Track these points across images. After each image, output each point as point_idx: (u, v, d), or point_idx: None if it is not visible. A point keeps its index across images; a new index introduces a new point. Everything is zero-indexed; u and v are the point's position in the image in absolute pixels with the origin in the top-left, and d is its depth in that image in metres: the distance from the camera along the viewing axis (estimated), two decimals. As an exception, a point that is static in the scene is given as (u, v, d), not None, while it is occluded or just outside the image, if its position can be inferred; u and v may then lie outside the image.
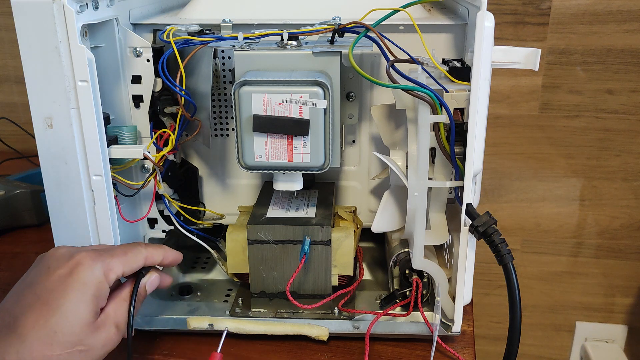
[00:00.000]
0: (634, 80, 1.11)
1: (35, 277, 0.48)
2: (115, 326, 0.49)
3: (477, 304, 1.30)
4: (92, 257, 0.48)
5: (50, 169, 0.53)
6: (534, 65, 0.52)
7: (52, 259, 0.49)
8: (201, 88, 0.59)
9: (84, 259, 0.48)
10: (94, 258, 0.48)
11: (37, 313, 0.45)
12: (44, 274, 0.47)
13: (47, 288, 0.46)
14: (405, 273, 0.62)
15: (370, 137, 0.67)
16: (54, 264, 0.48)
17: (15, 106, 1.23)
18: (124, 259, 0.50)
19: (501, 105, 1.16)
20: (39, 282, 0.47)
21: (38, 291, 0.46)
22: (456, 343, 0.60)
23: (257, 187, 0.70)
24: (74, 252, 0.49)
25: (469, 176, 0.52)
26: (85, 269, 0.47)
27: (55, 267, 0.48)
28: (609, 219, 1.23)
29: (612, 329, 1.32)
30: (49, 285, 0.47)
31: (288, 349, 0.60)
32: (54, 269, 0.47)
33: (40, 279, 0.47)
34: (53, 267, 0.48)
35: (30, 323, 0.45)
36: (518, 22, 1.09)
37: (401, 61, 0.54)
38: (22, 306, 0.46)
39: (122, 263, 0.50)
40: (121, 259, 0.50)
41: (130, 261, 0.51)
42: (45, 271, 0.48)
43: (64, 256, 0.49)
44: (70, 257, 0.48)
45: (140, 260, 0.52)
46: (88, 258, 0.48)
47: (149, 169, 0.63)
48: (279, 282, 0.62)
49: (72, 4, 0.48)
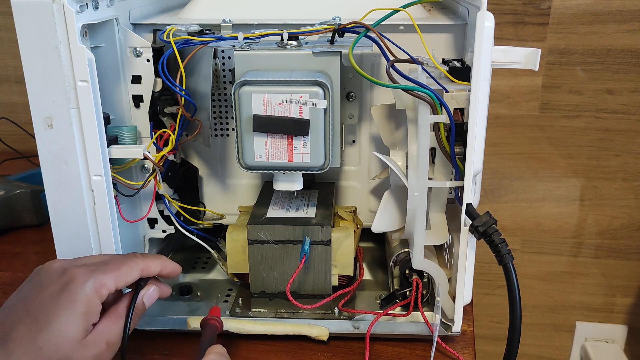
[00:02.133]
0: (634, 80, 1.11)
1: (29, 292, 0.48)
2: (105, 343, 0.48)
3: (477, 304, 1.30)
4: (83, 274, 0.48)
5: (50, 169, 0.53)
6: (534, 65, 0.52)
7: (46, 274, 0.49)
8: (201, 88, 0.59)
9: (76, 276, 0.48)
10: (85, 274, 0.48)
11: (26, 328, 0.45)
12: (36, 289, 0.48)
13: (38, 304, 0.46)
14: (405, 273, 0.62)
15: (370, 137, 0.67)
16: (47, 279, 0.48)
17: (15, 106, 1.23)
18: (117, 273, 0.50)
19: (501, 105, 1.16)
20: (31, 297, 0.47)
21: (29, 306, 0.47)
22: (456, 343, 0.60)
23: (257, 187, 0.70)
24: (67, 267, 0.49)
25: (469, 176, 0.52)
26: (76, 286, 0.47)
27: (47, 283, 0.48)
28: (609, 219, 1.23)
29: (612, 329, 1.32)
30: (39, 300, 0.47)
31: (288, 349, 0.60)
32: (47, 285, 0.48)
33: (33, 293, 0.47)
34: (45, 283, 0.48)
35: (19, 338, 0.45)
36: (518, 22, 1.10)
37: (401, 61, 0.54)
38: (13, 320, 0.46)
39: (114, 278, 0.49)
40: (114, 274, 0.49)
41: (124, 275, 0.50)
42: (39, 286, 0.48)
43: (57, 271, 0.49)
44: (63, 272, 0.48)
45: (136, 272, 0.51)
46: (80, 274, 0.48)
47: (149, 169, 0.63)
48: (279, 282, 0.62)
49: (72, 4, 0.48)
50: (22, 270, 0.49)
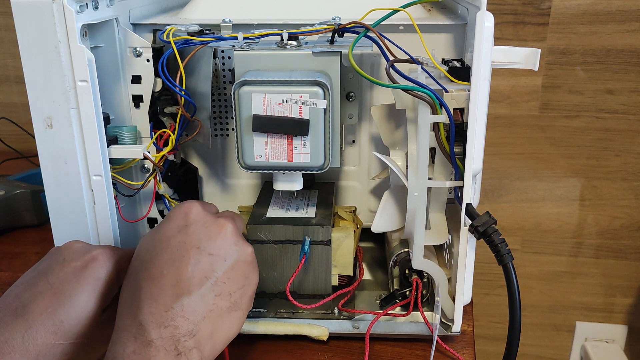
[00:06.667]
0: (634, 80, 1.11)
1: (50, 267, 0.48)
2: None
3: (477, 304, 1.30)
4: (107, 255, 0.49)
5: (50, 169, 0.53)
6: (534, 65, 0.52)
7: (68, 251, 0.49)
8: (201, 88, 0.59)
9: (100, 255, 0.49)
10: (109, 256, 0.49)
11: (48, 301, 0.45)
12: (59, 264, 0.48)
13: (61, 278, 0.47)
14: (405, 273, 0.62)
15: (370, 137, 0.67)
16: (70, 256, 0.49)
17: (15, 106, 1.23)
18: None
19: (501, 105, 1.16)
20: (53, 271, 0.48)
21: (51, 280, 0.47)
22: (456, 343, 0.60)
23: (257, 187, 0.70)
24: (90, 247, 0.50)
25: (469, 176, 0.52)
26: (100, 264, 0.48)
27: (70, 259, 0.48)
28: (609, 219, 1.23)
29: (612, 329, 1.32)
30: (62, 275, 0.47)
31: (288, 349, 0.60)
32: (69, 261, 0.48)
33: (55, 268, 0.48)
34: (68, 259, 0.48)
35: (39, 310, 0.45)
36: (518, 22, 1.10)
37: (401, 61, 0.54)
38: (33, 293, 0.46)
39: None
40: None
41: None
42: (61, 262, 0.48)
43: (80, 250, 0.49)
44: (87, 251, 0.49)
45: None
46: (104, 255, 0.49)
47: (149, 169, 0.63)
48: (278, 282, 0.62)
49: (72, 4, 0.48)
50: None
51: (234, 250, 0.48)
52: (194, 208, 0.49)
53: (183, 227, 0.48)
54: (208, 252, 0.46)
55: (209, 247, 0.47)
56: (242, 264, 0.48)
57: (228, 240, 0.48)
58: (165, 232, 0.48)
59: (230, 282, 0.47)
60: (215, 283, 0.46)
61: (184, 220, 0.48)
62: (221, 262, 0.47)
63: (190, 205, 0.49)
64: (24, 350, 0.43)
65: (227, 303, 0.46)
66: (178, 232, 0.47)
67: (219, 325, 0.45)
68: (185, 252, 0.46)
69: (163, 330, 0.42)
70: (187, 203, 0.50)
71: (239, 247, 0.49)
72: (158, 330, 0.42)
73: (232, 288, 0.47)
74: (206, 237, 0.47)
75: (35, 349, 0.44)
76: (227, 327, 0.46)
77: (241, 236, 0.50)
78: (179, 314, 0.43)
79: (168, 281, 0.44)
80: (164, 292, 0.43)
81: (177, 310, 0.43)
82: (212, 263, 0.46)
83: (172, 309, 0.43)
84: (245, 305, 0.49)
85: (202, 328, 0.44)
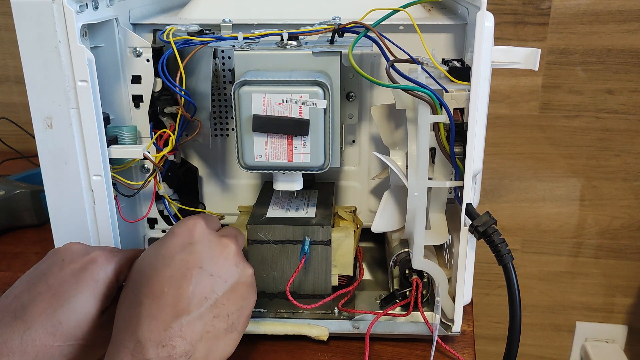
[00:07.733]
0: (634, 80, 1.11)
1: (49, 268, 0.48)
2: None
3: (477, 304, 1.30)
4: (106, 257, 0.49)
5: (50, 169, 0.53)
6: (534, 65, 0.52)
7: (67, 253, 0.49)
8: (201, 88, 0.59)
9: (99, 257, 0.49)
10: (108, 258, 0.49)
11: (46, 302, 0.45)
12: (57, 266, 0.48)
13: (60, 280, 0.47)
14: (405, 273, 0.62)
15: (370, 137, 0.67)
16: (69, 258, 0.49)
17: (15, 106, 1.23)
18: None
19: (501, 105, 1.16)
20: (52, 273, 0.48)
21: (50, 281, 0.47)
22: (456, 343, 0.60)
23: (257, 187, 0.70)
24: (89, 249, 0.50)
25: (469, 176, 0.52)
26: (99, 266, 0.48)
27: (69, 261, 0.48)
28: (609, 219, 1.23)
29: (612, 329, 1.32)
30: (61, 277, 0.47)
31: (288, 349, 0.60)
32: (68, 263, 0.48)
33: (54, 270, 0.48)
34: (67, 261, 0.48)
35: (38, 311, 0.45)
36: (518, 22, 1.10)
37: (401, 61, 0.54)
38: (32, 294, 0.46)
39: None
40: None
41: None
42: (60, 263, 0.48)
43: (79, 251, 0.49)
44: (86, 253, 0.49)
45: None
46: (103, 257, 0.49)
47: (149, 169, 0.63)
48: (279, 282, 0.62)
49: (72, 4, 0.48)
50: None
51: (234, 271, 0.48)
52: (198, 225, 0.49)
53: (187, 244, 0.48)
54: (209, 273, 0.46)
55: (211, 267, 0.47)
56: (242, 285, 0.48)
57: (230, 261, 0.48)
58: (169, 248, 0.47)
59: (229, 303, 0.47)
60: (215, 304, 0.46)
61: (188, 237, 0.48)
62: (222, 283, 0.47)
63: (195, 222, 0.49)
64: (22, 351, 0.43)
65: (225, 324, 0.46)
66: (182, 250, 0.47)
67: (214, 347, 0.45)
68: (187, 271, 0.45)
69: (160, 350, 0.42)
70: (192, 219, 0.50)
71: (240, 269, 0.49)
72: (156, 350, 0.42)
73: (230, 309, 0.47)
74: (209, 257, 0.47)
75: (34, 350, 0.44)
76: (222, 349, 0.46)
77: (242, 257, 0.50)
78: (177, 333, 0.43)
79: (169, 300, 0.44)
80: (164, 311, 0.43)
81: (175, 330, 0.43)
82: (213, 284, 0.46)
83: (171, 328, 0.43)
84: (242, 327, 0.49)
85: (198, 349, 0.44)
